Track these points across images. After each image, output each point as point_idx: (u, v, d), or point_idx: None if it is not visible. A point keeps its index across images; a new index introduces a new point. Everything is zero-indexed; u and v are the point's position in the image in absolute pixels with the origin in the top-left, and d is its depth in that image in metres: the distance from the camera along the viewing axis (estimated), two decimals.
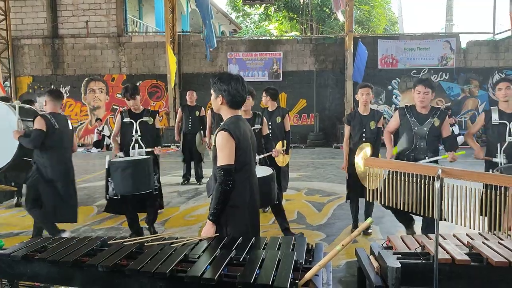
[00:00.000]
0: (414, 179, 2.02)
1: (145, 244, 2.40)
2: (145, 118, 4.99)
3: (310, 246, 2.48)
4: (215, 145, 2.79)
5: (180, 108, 8.54)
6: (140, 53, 16.53)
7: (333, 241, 4.98)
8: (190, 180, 8.53)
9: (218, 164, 2.73)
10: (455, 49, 15.38)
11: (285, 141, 5.38)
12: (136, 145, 4.90)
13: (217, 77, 2.81)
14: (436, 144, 4.32)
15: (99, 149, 15.01)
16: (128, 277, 2.04)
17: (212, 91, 2.86)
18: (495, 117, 4.49)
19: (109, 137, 15.61)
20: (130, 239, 2.52)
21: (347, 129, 5.19)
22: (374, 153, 5.03)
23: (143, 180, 4.58)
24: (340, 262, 4.24)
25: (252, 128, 4.27)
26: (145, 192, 4.70)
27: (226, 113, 2.87)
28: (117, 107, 16.49)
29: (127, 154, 4.90)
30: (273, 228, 5.54)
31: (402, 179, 2.06)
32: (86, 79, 16.53)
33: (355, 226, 5.29)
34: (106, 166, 4.66)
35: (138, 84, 16.46)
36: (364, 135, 5.04)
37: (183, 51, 16.41)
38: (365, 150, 4.41)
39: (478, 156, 4.61)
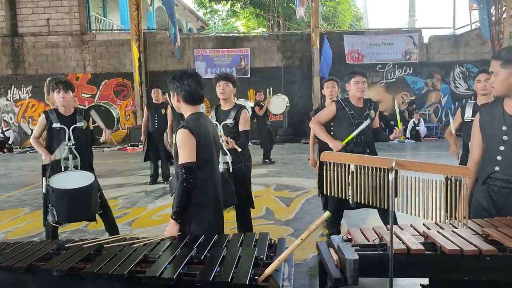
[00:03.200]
0: (370, 171, 2.05)
1: (105, 245, 2.35)
2: (79, 124, 4.31)
3: (272, 242, 2.49)
4: (176, 143, 2.76)
5: (145, 107, 8.41)
6: (105, 51, 16.19)
7: (300, 235, 5.02)
8: (157, 180, 8.42)
9: (180, 162, 2.71)
10: (418, 44, 15.76)
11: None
12: (70, 155, 4.22)
13: (172, 76, 2.83)
14: (371, 136, 4.29)
15: None
16: (84, 281, 1.99)
17: (170, 91, 2.88)
18: (468, 113, 4.35)
19: None
20: (89, 240, 2.45)
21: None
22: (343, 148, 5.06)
23: (88, 207, 3.99)
24: (308, 256, 4.28)
25: (224, 123, 4.24)
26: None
27: (186, 111, 2.86)
28: (83, 107, 16.10)
29: (58, 167, 4.20)
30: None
31: (359, 172, 2.09)
32: (49, 78, 16.05)
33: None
34: (44, 191, 3.97)
35: (103, 83, 16.16)
36: (332, 129, 5.08)
37: (149, 49, 16.17)
38: None
39: (453, 152, 4.60)
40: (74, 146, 4.25)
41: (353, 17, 28.33)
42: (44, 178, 4.10)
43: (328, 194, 2.14)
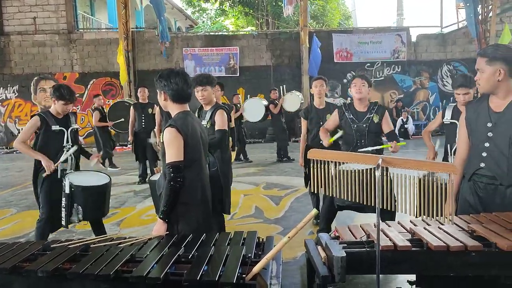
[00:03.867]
0: (358, 169, 2.06)
1: (91, 245, 2.33)
2: (74, 126, 4.37)
3: (260, 240, 2.49)
4: (163, 142, 2.75)
5: (132, 107, 8.33)
6: (93, 50, 16.03)
7: (288, 233, 5.02)
8: (146, 179, 8.36)
9: (167, 161, 2.70)
10: (406, 42, 15.86)
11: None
12: (69, 157, 4.23)
13: (159, 75, 2.80)
14: (376, 140, 4.20)
15: None
16: (70, 281, 1.97)
17: (157, 90, 2.85)
18: (447, 115, 4.34)
19: None
20: (75, 241, 2.43)
21: (304, 123, 5.17)
22: (333, 147, 5.06)
23: (107, 204, 4.21)
24: (297, 254, 4.29)
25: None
26: None
27: (173, 109, 2.84)
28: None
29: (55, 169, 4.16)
30: (231, 224, 5.53)
31: (347, 170, 2.09)
32: (36, 78, 15.88)
33: (316, 217, 5.29)
34: (67, 191, 3.91)
35: (92, 82, 16.01)
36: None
37: (137, 48, 16.05)
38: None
39: (429, 156, 4.56)
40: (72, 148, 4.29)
41: (341, 15, 28.44)
42: (63, 179, 4.02)
43: (315, 192, 2.14)
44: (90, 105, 16.08)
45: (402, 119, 15.05)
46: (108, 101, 15.94)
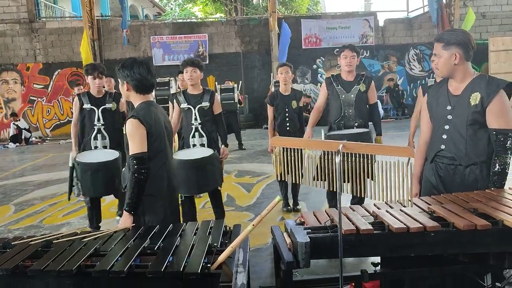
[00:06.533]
0: (322, 154, 2.08)
1: (54, 241, 2.28)
2: (108, 105, 4.57)
3: (227, 229, 2.49)
4: (125, 134, 2.70)
5: None
6: (57, 39, 15.54)
7: (253, 221, 5.06)
8: None
9: (130, 153, 2.66)
10: (374, 27, 16.01)
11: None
12: (99, 135, 4.48)
13: (121, 64, 2.74)
14: (364, 110, 4.33)
15: (17, 144, 14.06)
16: (31, 278, 1.93)
17: (119, 80, 2.79)
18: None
19: (28, 130, 14.67)
20: (38, 237, 2.38)
21: (270, 110, 5.19)
22: (299, 133, 5.10)
23: (112, 181, 4.11)
24: (268, 240, 4.32)
25: (199, 106, 4.27)
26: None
27: (136, 100, 2.79)
28: (35, 98, 15.49)
29: (88, 145, 4.49)
30: (203, 213, 5.53)
31: (311, 156, 2.11)
32: None
33: (285, 204, 5.33)
34: (70, 164, 4.22)
35: (57, 72, 15.56)
36: (287, 115, 5.10)
37: (103, 37, 15.64)
38: None
39: (409, 142, 4.66)
40: (103, 127, 4.49)
41: (310, 1, 28.42)
42: (70, 153, 4.42)
43: (280, 180, 2.15)
44: (56, 96, 15.67)
45: None
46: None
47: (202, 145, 4.29)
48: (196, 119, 4.26)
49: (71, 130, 4.65)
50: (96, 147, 4.46)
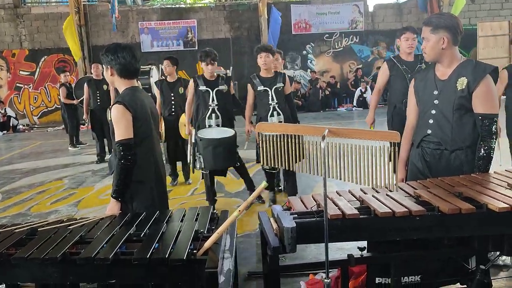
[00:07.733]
0: (307, 139, 2.07)
1: (39, 229, 2.26)
2: (221, 87, 4.91)
3: (215, 215, 2.49)
4: (111, 120, 2.67)
5: (86, 84, 8.05)
6: (43, 25, 15.29)
7: (249, 207, 5.06)
8: (105, 158, 8.18)
9: (116, 139, 2.63)
10: (364, 12, 15.97)
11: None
12: (213, 114, 4.80)
13: (105, 49, 2.69)
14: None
15: (4, 132, 13.89)
16: (16, 267, 1.91)
17: (103, 65, 2.75)
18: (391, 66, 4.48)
19: (15, 118, 14.48)
20: (22, 224, 2.35)
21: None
22: (292, 119, 5.00)
23: (231, 156, 4.69)
24: (257, 226, 4.33)
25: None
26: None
27: (120, 85, 2.75)
28: (22, 85, 15.27)
29: (203, 123, 4.84)
30: (192, 200, 5.53)
31: (293, 141, 2.10)
32: None
33: (273, 189, 5.30)
34: (193, 140, 4.80)
35: (43, 59, 15.33)
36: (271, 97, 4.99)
37: (90, 22, 15.43)
38: None
39: (367, 120, 4.82)
40: (216, 107, 4.81)
41: None
42: (194, 129, 4.95)
43: (265, 165, 2.14)
44: (43, 83, 15.46)
45: (360, 89, 15.26)
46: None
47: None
48: (273, 99, 4.65)
49: (185, 110, 5.21)
50: (210, 126, 4.80)
